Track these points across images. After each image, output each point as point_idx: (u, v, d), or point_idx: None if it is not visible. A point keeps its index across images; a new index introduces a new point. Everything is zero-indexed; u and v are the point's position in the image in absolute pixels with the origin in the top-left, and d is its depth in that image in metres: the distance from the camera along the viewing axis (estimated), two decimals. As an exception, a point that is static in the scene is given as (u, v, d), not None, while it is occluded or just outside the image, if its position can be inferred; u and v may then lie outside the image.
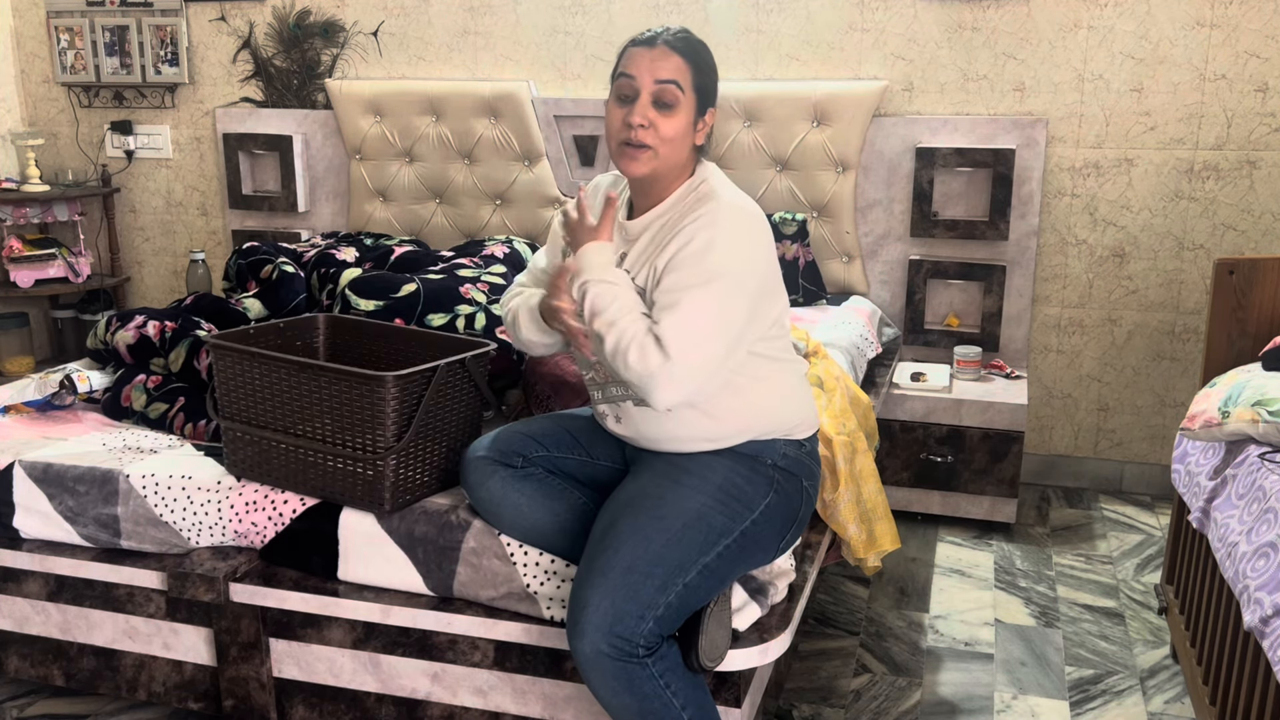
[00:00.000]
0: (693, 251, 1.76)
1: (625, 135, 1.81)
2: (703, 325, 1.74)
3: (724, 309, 1.75)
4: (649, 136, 1.80)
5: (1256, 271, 2.47)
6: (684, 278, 1.76)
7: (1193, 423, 2.25)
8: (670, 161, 1.83)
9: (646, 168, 1.83)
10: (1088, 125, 3.44)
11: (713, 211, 1.79)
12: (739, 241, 1.79)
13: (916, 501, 3.38)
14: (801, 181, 3.62)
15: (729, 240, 1.77)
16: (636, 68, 1.82)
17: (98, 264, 4.52)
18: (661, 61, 1.81)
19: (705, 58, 1.86)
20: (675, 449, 1.90)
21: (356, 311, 2.74)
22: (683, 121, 1.82)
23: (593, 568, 1.75)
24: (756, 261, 1.81)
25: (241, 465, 2.18)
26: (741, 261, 1.78)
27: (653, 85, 1.80)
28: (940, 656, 2.61)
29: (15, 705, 2.45)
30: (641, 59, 1.82)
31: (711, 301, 1.74)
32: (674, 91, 1.80)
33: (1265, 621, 1.67)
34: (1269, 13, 3.24)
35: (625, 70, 1.83)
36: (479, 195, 3.96)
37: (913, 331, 3.63)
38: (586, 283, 1.80)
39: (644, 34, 1.86)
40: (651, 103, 1.80)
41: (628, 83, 1.82)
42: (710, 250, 1.76)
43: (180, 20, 4.21)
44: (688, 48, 1.83)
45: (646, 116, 1.80)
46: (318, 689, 2.17)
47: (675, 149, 1.83)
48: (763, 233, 1.85)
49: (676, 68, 1.81)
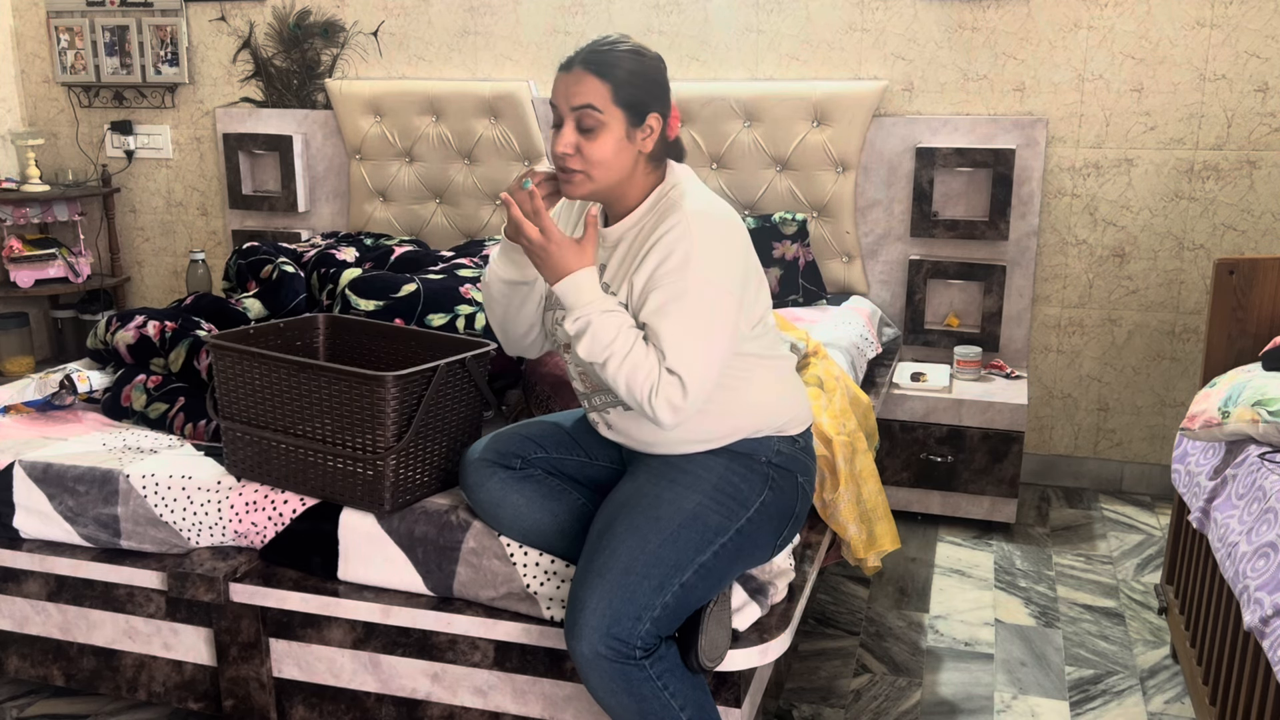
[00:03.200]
0: (672, 268, 1.73)
1: (558, 162, 1.80)
2: (701, 342, 1.72)
3: (715, 320, 1.74)
4: (576, 163, 1.78)
5: (1256, 271, 2.47)
6: (670, 296, 1.72)
7: (1193, 423, 2.25)
8: (609, 180, 1.80)
9: (584, 190, 1.80)
10: (1088, 125, 3.44)
11: (683, 223, 1.75)
12: (715, 248, 1.75)
13: (916, 501, 3.38)
14: (801, 181, 3.62)
15: (705, 249, 1.74)
16: (556, 94, 1.79)
17: (98, 264, 4.52)
18: (575, 86, 1.76)
19: (626, 67, 1.78)
20: (668, 451, 1.90)
21: (356, 311, 2.74)
22: (609, 141, 1.76)
23: (589, 569, 1.75)
24: (734, 264, 1.79)
25: (241, 465, 2.18)
26: (721, 268, 1.75)
27: (569, 112, 1.77)
28: (940, 656, 2.61)
29: (15, 705, 2.45)
30: (560, 85, 1.79)
31: (702, 315, 1.72)
32: (592, 115, 1.75)
33: (1265, 621, 1.67)
34: (1269, 13, 3.24)
35: (551, 97, 1.81)
36: (479, 195, 3.96)
37: (913, 331, 3.63)
38: (590, 316, 1.74)
39: (568, 55, 1.81)
40: (575, 128, 1.77)
41: (553, 109, 1.80)
42: (689, 263, 1.72)
43: (180, 20, 4.21)
44: (603, 64, 1.76)
45: (570, 143, 1.77)
46: (318, 689, 2.17)
47: (608, 169, 1.78)
48: (736, 235, 1.81)
49: (591, 90, 1.75)
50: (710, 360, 1.73)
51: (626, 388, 1.72)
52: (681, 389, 1.70)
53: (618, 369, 1.72)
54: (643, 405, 1.72)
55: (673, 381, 1.70)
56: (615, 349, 1.72)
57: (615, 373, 1.72)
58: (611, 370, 1.72)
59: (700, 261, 1.73)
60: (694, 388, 1.71)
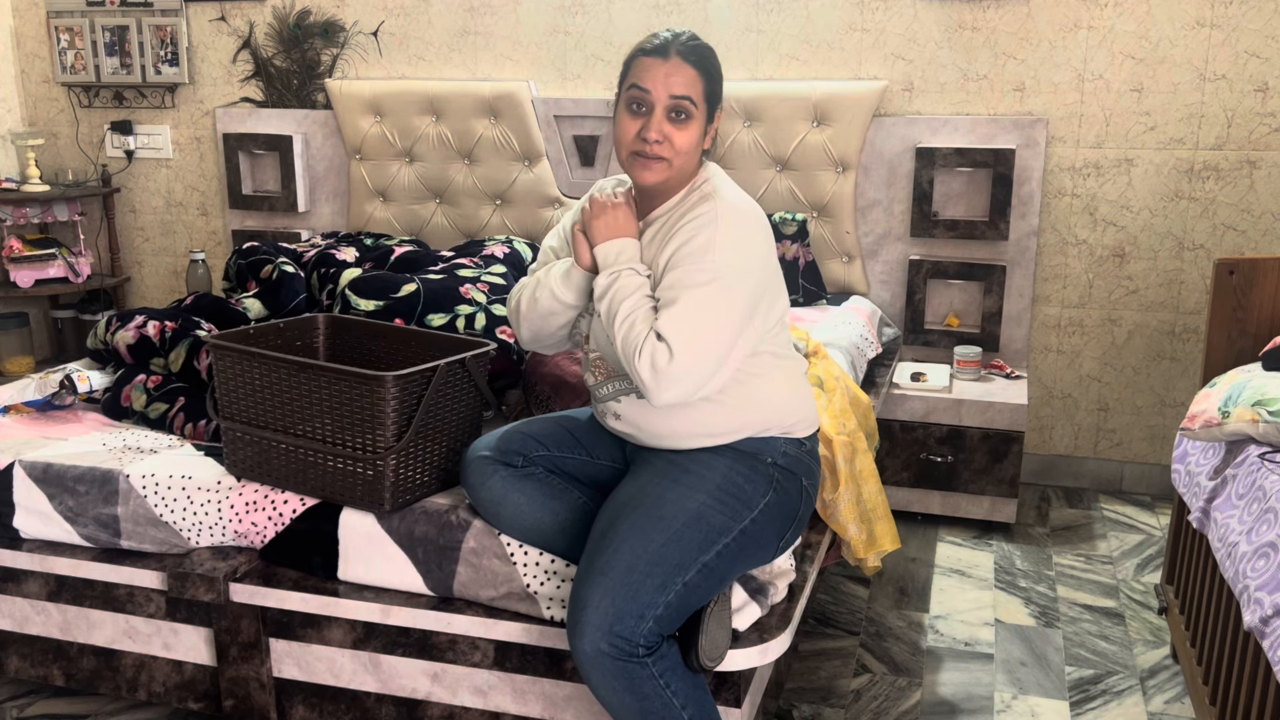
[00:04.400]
0: (693, 250, 1.78)
1: (639, 147, 1.82)
2: (704, 323, 1.74)
3: (725, 307, 1.76)
4: (665, 150, 1.81)
5: (1256, 271, 2.47)
6: (685, 275, 1.76)
7: (1193, 423, 2.25)
8: (684, 170, 1.86)
9: (660, 177, 1.84)
10: (1088, 125, 3.44)
11: (712, 210, 1.80)
12: (738, 240, 1.80)
13: (916, 501, 3.38)
14: (801, 181, 3.62)
15: (728, 238, 1.78)
16: (651, 80, 1.80)
17: (98, 264, 4.52)
18: (676, 75, 1.80)
19: (715, 64, 1.87)
20: (675, 445, 1.90)
21: (356, 311, 2.74)
22: (696, 132, 1.83)
23: (593, 567, 1.75)
24: (756, 259, 1.82)
25: (241, 465, 2.18)
26: (741, 259, 1.79)
27: (668, 100, 1.80)
28: (940, 656, 2.62)
29: (15, 705, 2.45)
30: (655, 71, 1.81)
31: (712, 300, 1.75)
32: (689, 106, 1.81)
33: (1265, 621, 1.67)
34: (1269, 13, 3.24)
35: (638, 82, 1.82)
36: (479, 195, 3.96)
37: (913, 331, 3.63)
38: (619, 270, 1.80)
39: (654, 41, 1.83)
40: (666, 116, 1.81)
41: (641, 94, 1.81)
42: (710, 249, 1.77)
43: (180, 20, 4.21)
44: (700, 58, 1.83)
45: (662, 131, 1.80)
46: (318, 689, 2.17)
47: (688, 158, 1.85)
48: (762, 231, 1.86)
49: (690, 81, 1.81)
50: (710, 342, 1.75)
51: (622, 344, 1.77)
52: (668, 354, 1.72)
53: (621, 323, 1.77)
54: (630, 362, 1.76)
55: (660, 346, 1.73)
56: (625, 305, 1.78)
57: (618, 327, 1.77)
58: (617, 323, 1.78)
59: (721, 249, 1.77)
60: (682, 358, 1.72)
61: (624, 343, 1.76)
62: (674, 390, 1.74)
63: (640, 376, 1.75)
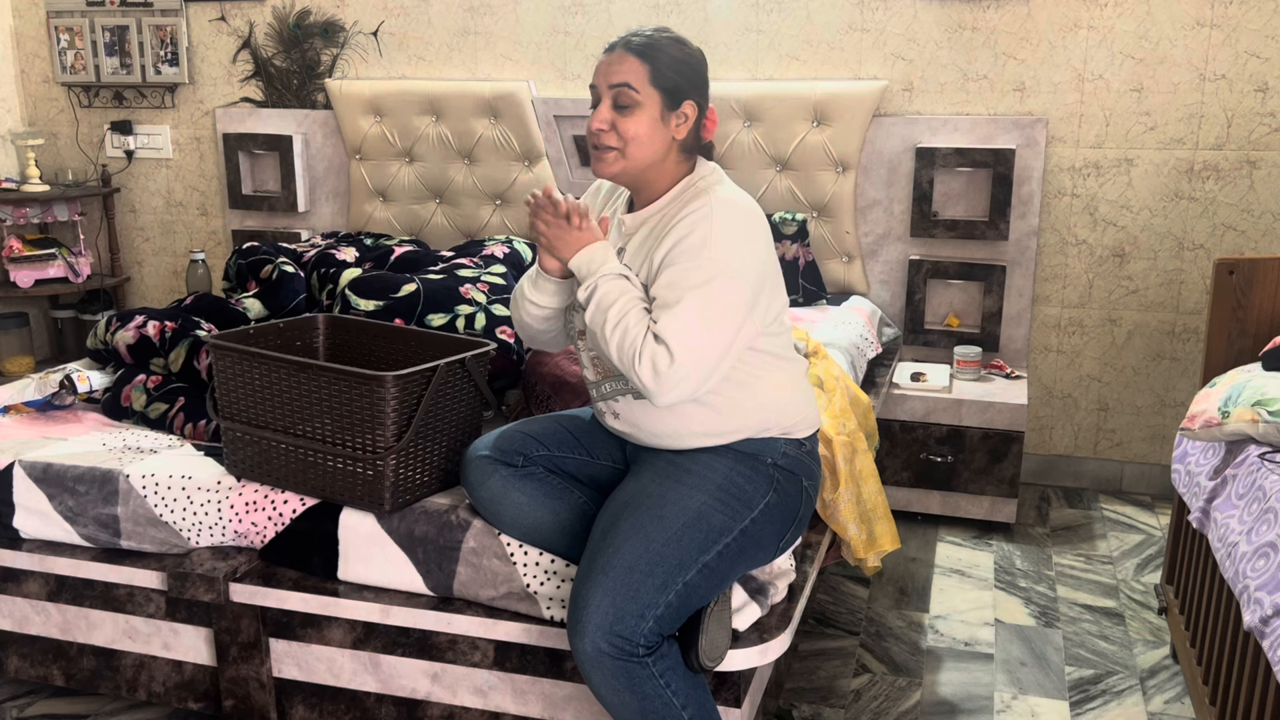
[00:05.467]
0: (689, 246, 1.77)
1: (592, 139, 1.87)
2: (703, 322, 1.74)
3: (723, 305, 1.76)
4: (610, 139, 1.85)
5: (1256, 271, 2.47)
6: (682, 274, 1.76)
7: (1193, 423, 2.25)
8: (642, 159, 1.86)
9: (614, 168, 1.86)
10: (1088, 125, 3.44)
11: (708, 206, 1.80)
12: (735, 236, 1.79)
13: (916, 501, 3.38)
14: (801, 181, 3.62)
15: (725, 235, 1.78)
16: (597, 75, 1.88)
17: (98, 264, 4.52)
18: (616, 65, 1.85)
19: (668, 53, 1.86)
20: (674, 445, 1.90)
21: (356, 311, 2.74)
22: (644, 120, 1.83)
23: (593, 566, 1.75)
24: (753, 256, 1.82)
25: (241, 465, 2.18)
26: (738, 256, 1.79)
27: (607, 89, 1.85)
28: (940, 656, 2.62)
29: (15, 705, 2.45)
30: (601, 66, 1.87)
31: (710, 298, 1.75)
32: (628, 93, 1.83)
33: (1265, 621, 1.67)
34: (1269, 13, 3.24)
35: (592, 79, 1.89)
36: (479, 195, 3.96)
37: (913, 331, 3.63)
38: (596, 280, 1.80)
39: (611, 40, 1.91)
40: (611, 105, 1.85)
41: (592, 90, 1.88)
42: (706, 245, 1.77)
43: (180, 20, 4.21)
44: (646, 48, 1.85)
45: (605, 119, 1.84)
46: (318, 689, 2.17)
47: (642, 147, 1.84)
48: (760, 228, 1.85)
49: (630, 69, 1.84)
50: (708, 342, 1.75)
51: (618, 350, 1.75)
52: (669, 356, 1.72)
53: (613, 330, 1.76)
54: (630, 368, 1.75)
55: (660, 349, 1.73)
56: (613, 311, 1.77)
57: (610, 334, 1.76)
58: (607, 332, 1.76)
59: (718, 245, 1.77)
60: (683, 360, 1.72)
61: (619, 350, 1.75)
62: (676, 392, 1.75)
63: (642, 382, 1.74)
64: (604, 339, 1.77)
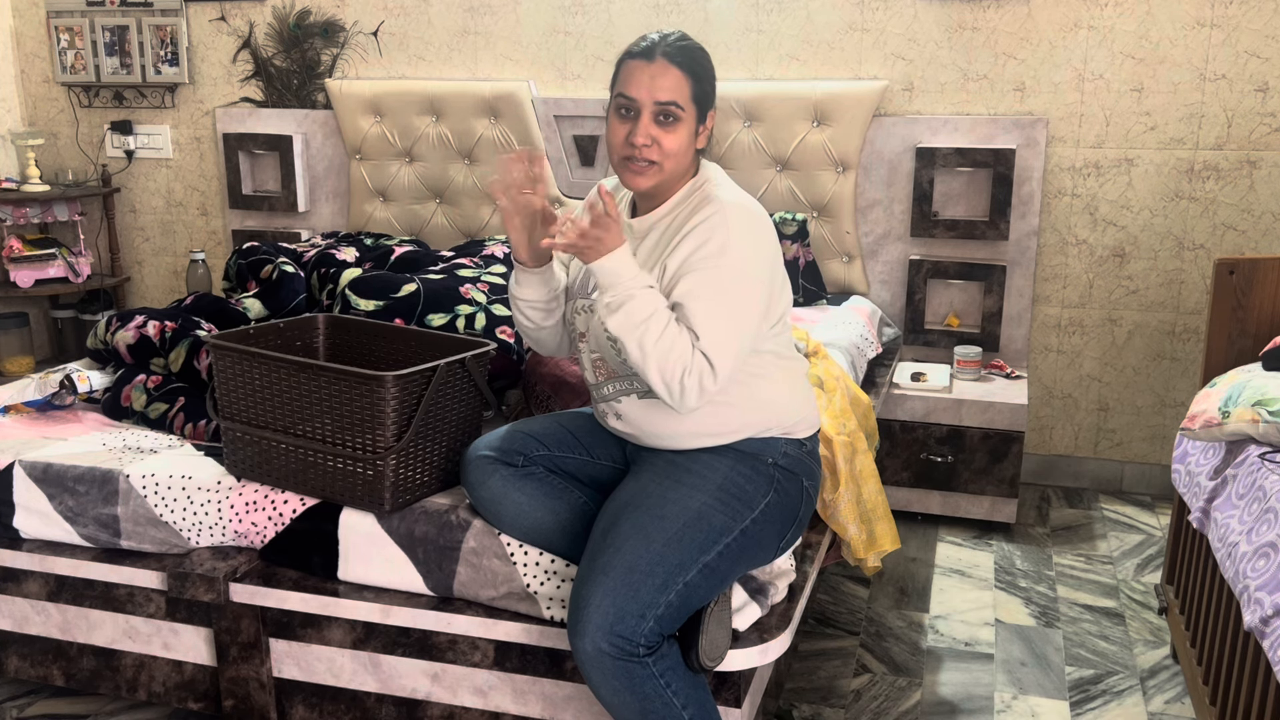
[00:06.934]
0: (708, 254, 1.77)
1: (628, 152, 1.82)
2: (732, 332, 1.77)
3: (746, 311, 1.79)
4: (653, 154, 1.81)
5: (1256, 271, 2.47)
6: (705, 283, 1.76)
7: (1193, 423, 2.25)
8: (676, 171, 1.86)
9: (652, 181, 1.84)
10: (1088, 125, 3.44)
11: (721, 212, 1.80)
12: (750, 241, 1.81)
13: (916, 501, 3.38)
14: (801, 181, 3.62)
15: (742, 240, 1.79)
16: (635, 86, 1.81)
17: (98, 264, 4.51)
18: (660, 79, 1.80)
19: (703, 64, 1.86)
20: (676, 445, 1.90)
21: (356, 311, 2.74)
22: (685, 134, 1.83)
23: (594, 566, 1.75)
24: (766, 260, 1.84)
25: (241, 465, 2.18)
26: (756, 261, 1.81)
27: (653, 104, 1.80)
28: (940, 656, 2.61)
29: (15, 705, 2.45)
30: (640, 75, 1.81)
31: (736, 306, 1.78)
32: (675, 110, 1.81)
33: (1265, 621, 1.67)
34: (1269, 13, 3.24)
35: (624, 89, 1.83)
36: (479, 195, 3.96)
37: (913, 331, 3.63)
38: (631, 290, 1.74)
39: (640, 44, 1.84)
40: (653, 120, 1.81)
41: (627, 100, 1.82)
42: (725, 252, 1.77)
43: (180, 20, 4.21)
44: (686, 59, 1.82)
45: (649, 135, 1.80)
46: (318, 689, 2.17)
47: (679, 160, 1.84)
48: (768, 230, 1.87)
49: (675, 84, 1.80)
50: (737, 348, 1.78)
51: (659, 366, 1.73)
52: (712, 372, 1.74)
53: (653, 345, 1.73)
54: (671, 385, 1.74)
55: (705, 364, 1.74)
56: (651, 325, 1.73)
57: (649, 349, 1.73)
58: (647, 346, 1.73)
59: (736, 250, 1.78)
60: (722, 372, 1.75)
61: (662, 367, 1.73)
62: (708, 400, 1.78)
63: (685, 400, 1.75)
64: (640, 352, 1.74)
